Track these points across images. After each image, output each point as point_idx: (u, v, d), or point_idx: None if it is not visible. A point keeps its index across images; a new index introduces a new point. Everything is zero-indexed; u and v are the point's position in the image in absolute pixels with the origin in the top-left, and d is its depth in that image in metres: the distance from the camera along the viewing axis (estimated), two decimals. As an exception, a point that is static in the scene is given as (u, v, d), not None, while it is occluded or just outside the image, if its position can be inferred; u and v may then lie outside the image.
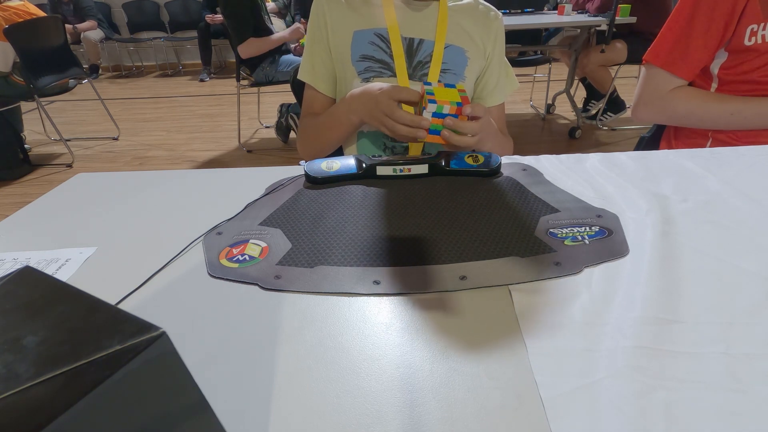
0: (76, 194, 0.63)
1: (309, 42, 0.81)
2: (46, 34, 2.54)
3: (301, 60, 0.84)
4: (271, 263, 0.45)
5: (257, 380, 0.33)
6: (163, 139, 3.04)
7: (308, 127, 0.83)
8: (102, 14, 4.88)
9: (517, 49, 2.92)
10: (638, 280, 0.40)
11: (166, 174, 0.67)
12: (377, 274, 0.43)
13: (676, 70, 0.86)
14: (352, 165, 0.62)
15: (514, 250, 0.45)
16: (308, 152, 0.84)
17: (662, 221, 0.49)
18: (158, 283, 0.44)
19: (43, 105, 2.58)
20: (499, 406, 0.30)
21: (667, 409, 0.29)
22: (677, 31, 0.84)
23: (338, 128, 0.77)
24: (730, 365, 0.32)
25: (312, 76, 0.82)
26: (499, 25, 0.82)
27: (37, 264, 0.47)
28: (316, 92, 0.83)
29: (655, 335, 0.34)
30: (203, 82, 4.75)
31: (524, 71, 3.25)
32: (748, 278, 0.40)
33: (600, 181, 0.58)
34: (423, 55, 0.77)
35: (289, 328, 0.37)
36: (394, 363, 0.34)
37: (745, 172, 0.59)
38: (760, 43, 0.77)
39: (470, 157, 0.62)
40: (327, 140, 0.80)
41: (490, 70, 0.82)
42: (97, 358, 0.16)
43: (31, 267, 0.22)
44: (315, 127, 0.81)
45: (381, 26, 0.76)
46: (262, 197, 0.58)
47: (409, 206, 0.54)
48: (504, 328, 0.36)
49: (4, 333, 0.18)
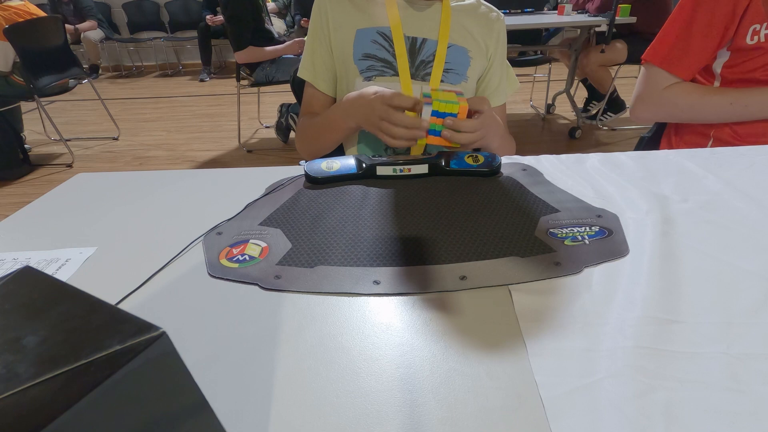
0: (76, 194, 0.63)
1: (310, 40, 0.81)
2: (46, 34, 2.53)
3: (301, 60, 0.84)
4: (271, 263, 0.45)
5: (257, 380, 0.33)
6: (163, 139, 3.04)
7: (306, 127, 0.83)
8: (102, 14, 4.88)
9: (517, 49, 2.92)
10: (638, 280, 0.40)
11: (166, 174, 0.67)
12: (377, 274, 0.43)
13: (675, 70, 0.86)
14: (352, 165, 0.62)
15: (514, 250, 0.45)
16: (307, 151, 0.84)
17: (662, 221, 0.49)
18: (158, 283, 0.44)
19: (43, 105, 2.58)
20: (499, 406, 0.30)
21: (667, 409, 0.29)
22: (677, 30, 0.84)
23: (335, 132, 0.77)
24: (730, 365, 0.32)
25: (312, 75, 0.82)
26: (501, 26, 0.82)
27: (37, 264, 0.47)
28: (316, 91, 0.83)
29: (655, 335, 0.34)
30: (203, 82, 4.75)
31: (524, 71, 3.25)
32: (748, 278, 0.40)
33: (600, 181, 0.58)
34: (426, 55, 0.77)
35: (289, 328, 0.37)
36: (394, 363, 0.34)
37: (745, 172, 0.59)
38: (763, 42, 0.77)
39: (470, 157, 0.62)
40: (324, 142, 0.80)
41: (491, 70, 0.82)
42: (97, 358, 0.16)
43: (31, 267, 0.22)
44: (312, 128, 0.81)
45: (384, 25, 0.76)
46: (262, 197, 0.58)
47: (409, 206, 0.54)
48: (504, 328, 0.36)
49: (4, 333, 0.18)
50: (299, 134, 0.85)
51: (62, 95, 2.86)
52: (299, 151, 0.86)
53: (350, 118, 0.72)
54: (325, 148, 0.81)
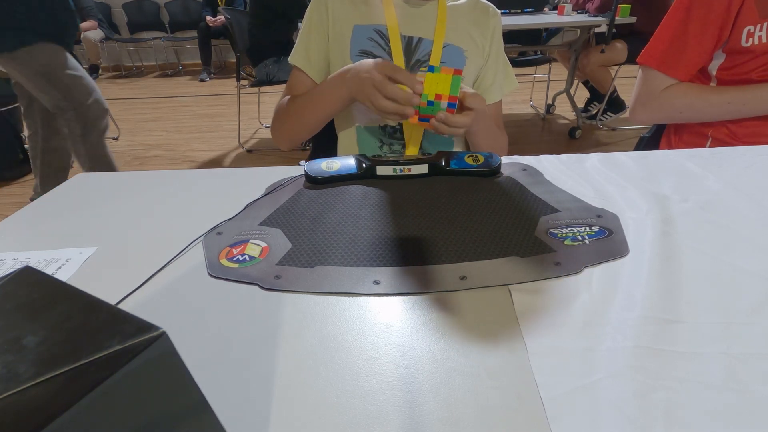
0: (76, 194, 0.63)
1: (306, 28, 0.80)
2: (46, 34, 2.53)
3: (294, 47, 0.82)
4: (271, 263, 0.45)
5: (257, 380, 0.33)
6: (163, 139, 3.04)
7: (290, 105, 0.79)
8: (102, 14, 4.88)
9: (517, 49, 2.93)
10: (638, 280, 0.40)
11: (166, 174, 0.67)
12: (377, 274, 0.43)
13: (672, 72, 0.86)
14: (352, 165, 0.62)
15: (514, 250, 0.45)
16: (284, 134, 0.81)
17: (662, 221, 0.49)
18: (158, 283, 0.44)
19: (43, 105, 2.58)
20: (499, 406, 0.30)
21: (667, 409, 0.29)
22: (672, 32, 0.84)
23: (324, 104, 0.74)
24: (730, 365, 0.32)
25: (306, 63, 0.80)
26: (497, 21, 0.82)
27: (37, 264, 0.47)
28: (305, 77, 0.81)
29: (655, 335, 0.34)
30: (203, 82, 4.75)
31: (524, 71, 3.25)
32: (748, 278, 0.40)
33: (600, 181, 0.58)
34: (421, 54, 0.77)
35: (289, 328, 0.37)
36: (394, 363, 0.34)
37: (745, 172, 0.59)
38: (758, 44, 0.77)
39: (470, 157, 0.62)
40: (308, 119, 0.77)
41: (487, 66, 0.82)
42: (97, 358, 0.16)
43: (31, 267, 0.22)
44: (298, 103, 0.78)
45: (381, 23, 0.77)
46: (262, 197, 0.58)
47: (409, 206, 0.54)
48: (504, 328, 0.36)
49: (4, 333, 0.18)
50: (278, 114, 0.82)
51: (62, 95, 2.85)
52: (274, 137, 0.83)
53: (344, 85, 0.70)
54: (307, 128, 0.79)
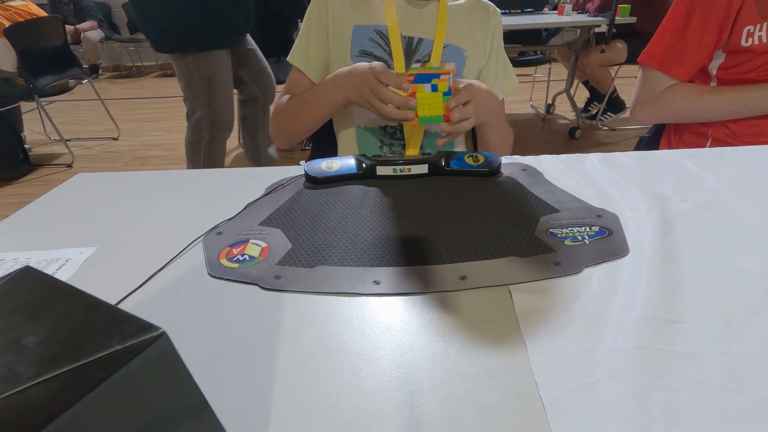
0: (76, 194, 0.63)
1: (306, 28, 0.80)
2: (46, 34, 2.53)
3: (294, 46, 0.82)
4: (271, 263, 0.45)
5: (257, 380, 0.33)
6: (163, 139, 3.04)
7: (288, 104, 0.80)
8: (102, 14, 4.88)
9: (517, 49, 2.92)
10: (638, 280, 0.40)
11: (166, 174, 0.67)
12: (377, 274, 0.43)
13: (672, 72, 0.86)
14: (352, 165, 0.62)
15: (514, 250, 0.45)
16: (283, 132, 0.82)
17: (662, 221, 0.49)
18: (158, 283, 0.44)
19: (43, 105, 2.58)
20: (499, 406, 0.30)
21: (667, 409, 0.29)
22: (672, 32, 0.84)
23: (321, 106, 0.75)
24: (730, 365, 0.32)
25: (304, 63, 0.81)
26: (497, 20, 0.82)
27: (37, 264, 0.47)
28: (304, 77, 0.81)
29: (655, 335, 0.34)
30: (203, 82, 4.75)
31: (524, 71, 3.25)
32: (748, 278, 0.40)
33: (600, 181, 0.58)
34: (421, 54, 0.77)
35: (289, 328, 0.37)
36: (394, 363, 0.34)
37: (745, 172, 0.59)
38: (757, 44, 0.77)
39: (470, 157, 0.62)
40: (305, 119, 0.78)
41: (487, 66, 0.82)
42: (97, 358, 0.16)
43: (31, 267, 0.22)
44: (296, 104, 0.79)
45: (381, 23, 0.76)
46: (262, 197, 0.58)
47: (409, 206, 0.54)
48: (504, 328, 0.36)
49: (4, 333, 0.18)
50: (277, 113, 0.82)
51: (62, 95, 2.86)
52: (273, 135, 0.84)
53: (340, 90, 0.70)
54: (305, 128, 0.79)
